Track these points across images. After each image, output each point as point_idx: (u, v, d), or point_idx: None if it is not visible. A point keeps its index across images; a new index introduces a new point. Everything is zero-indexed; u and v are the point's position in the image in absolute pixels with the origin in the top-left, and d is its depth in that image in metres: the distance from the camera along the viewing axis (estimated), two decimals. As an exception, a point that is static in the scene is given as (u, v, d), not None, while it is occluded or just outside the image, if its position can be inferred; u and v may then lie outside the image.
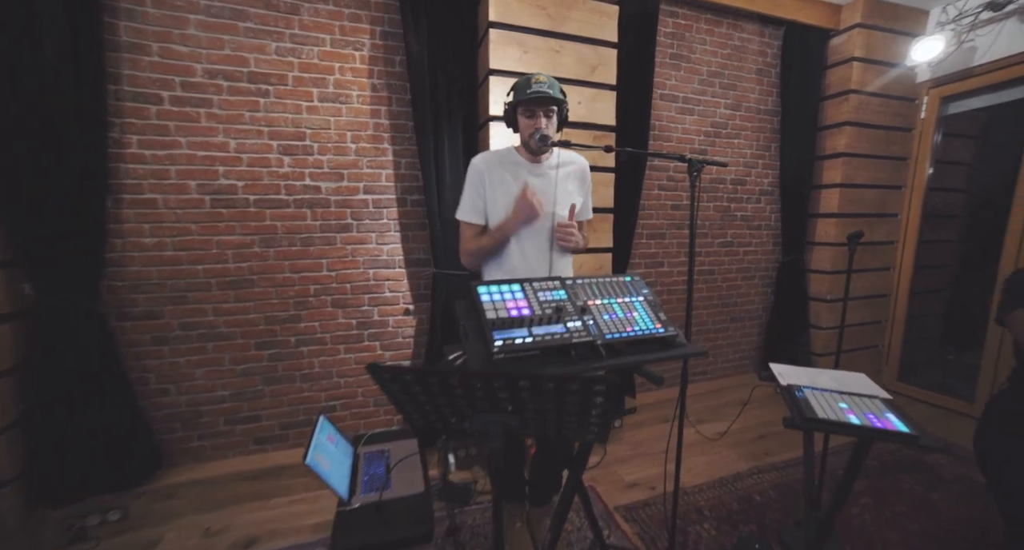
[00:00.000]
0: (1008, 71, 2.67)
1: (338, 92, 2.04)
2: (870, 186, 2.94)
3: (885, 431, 1.01)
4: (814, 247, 2.99)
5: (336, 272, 2.14)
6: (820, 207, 2.94)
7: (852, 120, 2.79)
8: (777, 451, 2.46)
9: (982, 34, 2.70)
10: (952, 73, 2.84)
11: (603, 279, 1.41)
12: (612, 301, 1.34)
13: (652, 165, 2.63)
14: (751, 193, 2.92)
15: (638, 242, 2.67)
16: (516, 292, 1.28)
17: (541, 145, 1.37)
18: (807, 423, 1.08)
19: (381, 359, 2.29)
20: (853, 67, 2.76)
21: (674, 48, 2.60)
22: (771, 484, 2.16)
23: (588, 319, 1.25)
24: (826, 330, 2.97)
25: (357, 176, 2.13)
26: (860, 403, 1.16)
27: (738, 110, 2.82)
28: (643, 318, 1.31)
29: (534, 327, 1.18)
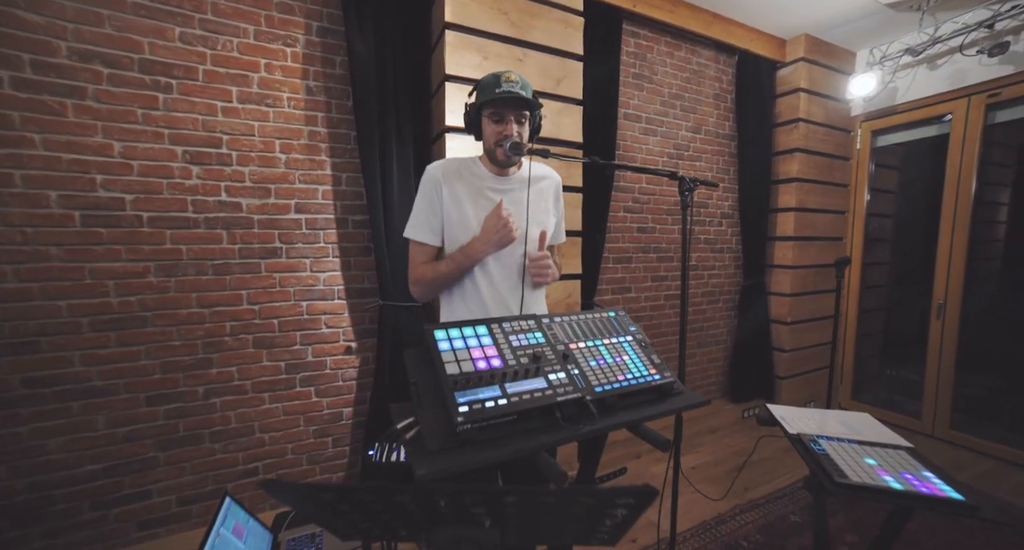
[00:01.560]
0: (921, 111, 2.89)
1: (264, 93, 1.73)
2: (820, 210, 3.02)
3: (935, 499, 0.85)
4: (773, 270, 3.00)
5: (260, 305, 1.78)
6: (777, 230, 2.97)
7: (802, 147, 2.87)
8: (755, 484, 2.33)
9: (902, 76, 2.91)
10: (879, 109, 3.04)
11: (585, 316, 1.20)
12: (598, 343, 1.13)
13: (618, 186, 2.51)
14: (713, 216, 2.89)
15: (604, 267, 2.52)
16: (483, 336, 1.03)
17: (513, 155, 1.15)
18: (841, 489, 0.91)
19: (317, 408, 1.91)
20: (800, 97, 2.86)
21: (636, 68, 2.54)
22: (756, 526, 2.01)
23: (572, 368, 1.02)
24: (789, 352, 2.96)
25: (287, 192, 1.80)
26: (888, 458, 1.01)
27: (699, 133, 2.80)
28: (635, 363, 1.11)
29: (508, 383, 0.93)
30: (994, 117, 2.73)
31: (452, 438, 0.83)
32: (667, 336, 2.80)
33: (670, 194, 2.72)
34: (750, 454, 2.52)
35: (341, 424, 1.97)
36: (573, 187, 2.05)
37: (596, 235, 2.30)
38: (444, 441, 0.83)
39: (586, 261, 2.20)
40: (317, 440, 1.92)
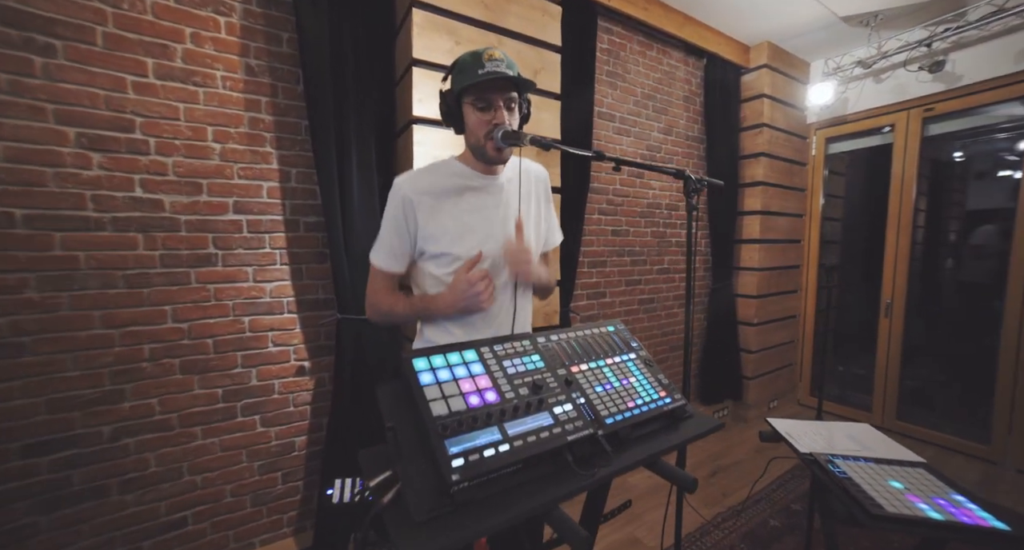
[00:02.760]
0: (868, 121, 3.05)
1: (192, 69, 1.44)
2: (782, 214, 3.10)
3: (979, 530, 0.78)
4: (740, 272, 3.04)
5: (189, 323, 1.49)
6: (743, 233, 3.01)
7: (766, 152, 2.92)
8: (733, 489, 2.31)
9: (853, 88, 3.05)
10: (832, 118, 3.17)
11: (582, 333, 1.06)
12: (601, 365, 0.99)
13: (592, 187, 2.42)
14: (683, 218, 2.87)
15: (579, 271, 2.41)
16: (473, 363, 0.86)
17: (506, 146, 0.98)
18: (879, 523, 0.82)
19: (264, 439, 1.64)
20: (764, 103, 2.91)
21: (610, 65, 2.46)
22: (739, 534, 1.97)
23: (578, 397, 0.88)
24: (755, 353, 3.01)
25: (224, 188, 1.53)
26: (912, 479, 0.95)
27: (670, 135, 2.77)
28: (643, 386, 0.98)
29: (508, 422, 0.76)
30: (928, 130, 2.91)
31: (445, 500, 0.66)
32: (643, 342, 2.74)
33: (643, 196, 2.66)
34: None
35: (293, 456, 1.71)
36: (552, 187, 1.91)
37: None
38: (434, 505, 0.65)
39: (563, 266, 2.08)
40: (264, 477, 1.65)
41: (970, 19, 2.53)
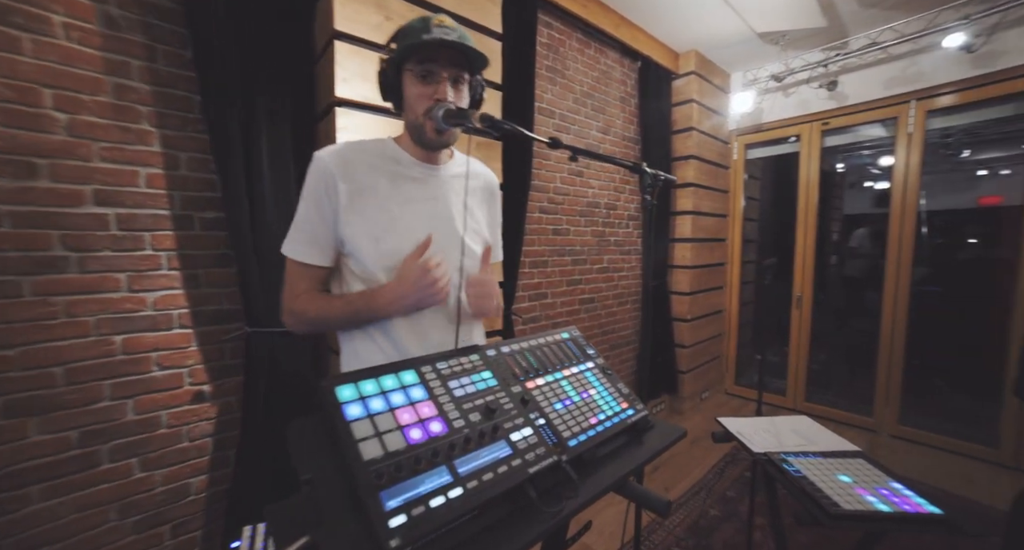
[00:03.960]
0: (779, 131, 3.33)
1: (12, 5, 1.10)
2: (710, 214, 3.27)
3: (919, 517, 0.81)
4: (674, 270, 3.15)
5: (18, 349, 1.14)
6: (676, 232, 3.12)
7: (696, 154, 3.06)
8: (674, 482, 2.37)
9: (767, 99, 3.31)
10: (750, 126, 3.42)
11: (536, 342, 0.95)
12: (559, 377, 0.89)
13: (535, 184, 2.34)
14: (621, 218, 2.90)
15: (520, 272, 2.32)
16: (412, 388, 0.71)
17: (448, 127, 0.82)
18: (838, 521, 0.81)
19: (144, 486, 1.33)
20: (693, 108, 3.04)
21: (550, 60, 2.40)
22: (684, 528, 2.00)
23: (536, 417, 0.77)
24: (689, 348, 3.14)
25: (77, 173, 1.20)
26: (856, 471, 0.97)
27: (608, 134, 2.79)
28: (604, 398, 0.89)
29: (459, 458, 0.63)
30: (825, 142, 3.23)
31: (382, 574, 0.51)
32: (584, 341, 2.72)
33: (582, 195, 2.64)
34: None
35: (188, 502, 1.41)
36: (493, 183, 1.79)
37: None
38: (367, 585, 0.50)
39: (505, 267, 1.97)
40: (144, 534, 1.33)
41: (852, 48, 2.84)
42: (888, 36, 2.70)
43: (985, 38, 2.45)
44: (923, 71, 2.69)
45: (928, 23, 2.57)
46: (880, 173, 6.03)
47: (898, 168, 2.87)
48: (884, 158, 4.11)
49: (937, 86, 2.66)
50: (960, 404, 3.20)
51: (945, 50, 2.51)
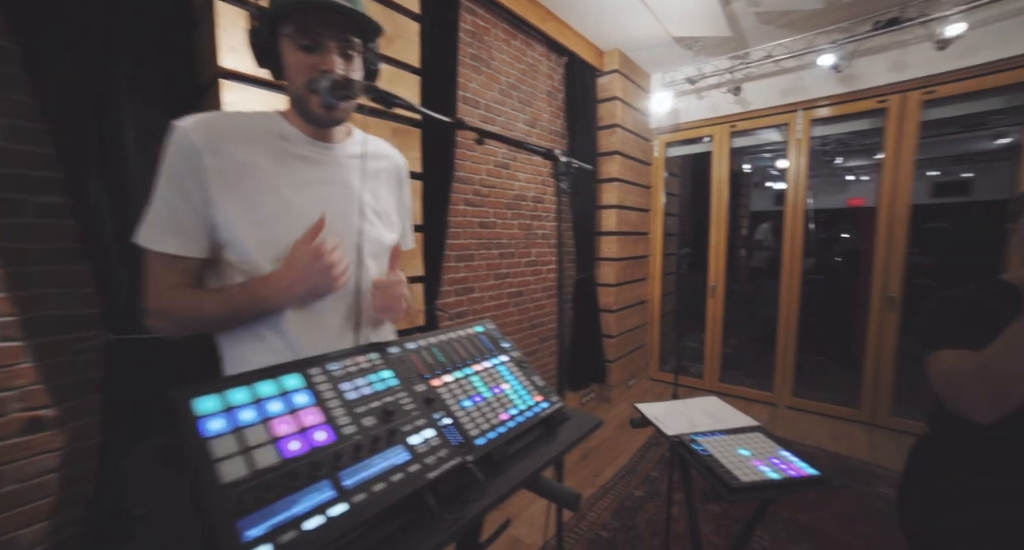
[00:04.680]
0: (694, 131, 3.57)
1: None
2: (634, 208, 3.42)
3: (801, 480, 0.90)
4: (600, 262, 3.25)
5: None
6: (602, 226, 3.22)
7: (620, 150, 3.17)
8: (602, 468, 2.44)
9: (683, 101, 3.53)
10: (669, 125, 3.62)
11: (446, 337, 0.90)
12: (469, 373, 0.84)
13: (458, 176, 2.27)
14: (549, 211, 2.93)
15: (446, 266, 2.26)
16: (297, 393, 0.62)
17: (335, 101, 0.73)
18: (738, 495, 0.86)
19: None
20: (617, 105, 3.15)
21: (474, 48, 2.33)
22: (611, 511, 2.07)
23: (441, 417, 0.71)
24: (615, 337, 3.26)
25: None
26: (754, 444, 1.04)
27: (535, 127, 2.79)
28: (517, 392, 0.86)
29: (346, 469, 0.56)
30: (734, 143, 3.51)
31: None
32: (512, 336, 2.72)
33: (509, 187, 2.62)
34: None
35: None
36: (412, 173, 1.70)
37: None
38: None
39: (428, 261, 1.89)
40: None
41: (752, 58, 3.11)
42: (779, 51, 2.99)
43: (848, 61, 2.80)
44: (806, 84, 3.01)
45: (808, 43, 2.88)
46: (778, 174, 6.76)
47: (791, 170, 3.20)
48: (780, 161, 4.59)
49: (817, 98, 3.00)
50: (835, 375, 3.67)
51: (820, 68, 2.83)
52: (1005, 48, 2.41)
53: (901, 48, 2.69)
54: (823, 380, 3.59)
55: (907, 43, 2.66)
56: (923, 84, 2.67)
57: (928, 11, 2.49)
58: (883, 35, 2.66)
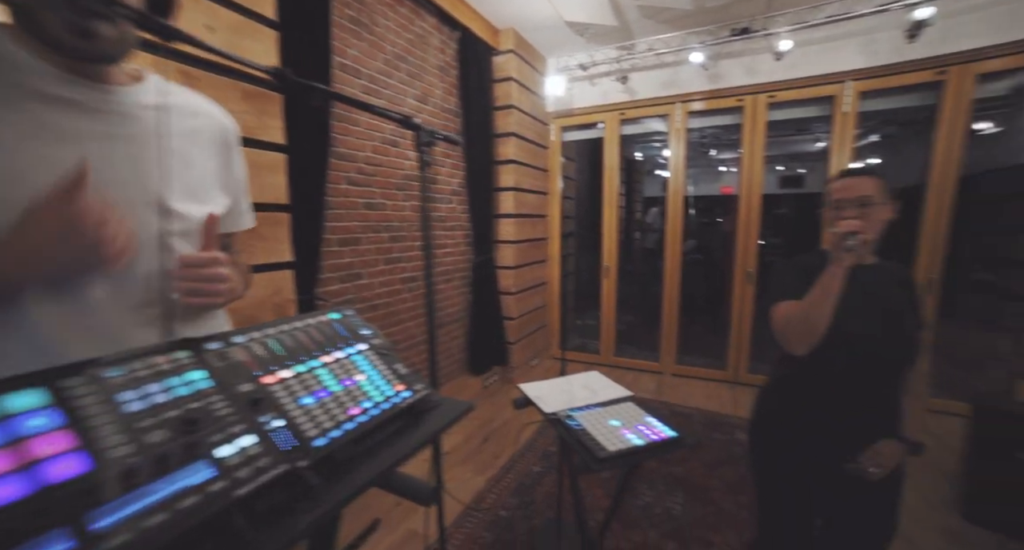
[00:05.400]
0: (588, 117, 3.71)
1: None
2: (531, 191, 3.46)
3: (661, 443, 0.96)
4: (499, 245, 3.24)
5: None
6: (500, 208, 3.21)
7: (516, 132, 3.16)
8: (503, 449, 2.47)
9: (577, 86, 3.63)
10: (564, 110, 3.70)
11: (288, 327, 0.77)
12: (315, 365, 0.73)
13: (338, 152, 2.05)
14: (444, 192, 2.83)
15: (327, 251, 2.05)
16: (34, 415, 0.47)
17: (86, 17, 0.55)
18: (605, 464, 0.90)
19: None
20: (512, 86, 3.11)
21: (353, 9, 2.10)
22: (509, 490, 2.10)
23: (270, 420, 0.60)
24: (516, 319, 3.31)
25: None
26: (624, 414, 1.09)
27: (426, 104, 2.64)
28: (375, 383, 0.78)
29: (100, 508, 0.43)
30: (623, 130, 3.72)
31: None
32: (407, 323, 2.60)
33: (398, 166, 2.46)
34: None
35: None
36: (271, 144, 1.47)
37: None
38: None
39: (301, 245, 1.69)
40: None
41: (638, 50, 3.30)
42: (660, 45, 3.20)
43: (714, 62, 3.11)
44: (682, 79, 3.28)
45: (683, 41, 3.13)
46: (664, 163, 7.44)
47: (671, 158, 3.49)
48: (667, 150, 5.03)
49: (692, 93, 3.29)
50: (710, 341, 4.19)
51: (692, 65, 3.10)
52: (817, 67, 2.87)
53: (752, 55, 3.04)
54: (702, 348, 4.07)
55: (756, 52, 3.02)
56: (767, 89, 3.07)
57: (768, 26, 2.86)
58: (738, 42, 2.99)
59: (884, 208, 1.01)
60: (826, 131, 3.02)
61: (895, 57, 2.69)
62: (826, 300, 0.94)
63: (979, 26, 2.49)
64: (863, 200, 0.99)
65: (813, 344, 0.97)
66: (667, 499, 2.04)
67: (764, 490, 1.13)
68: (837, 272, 0.93)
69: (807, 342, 0.97)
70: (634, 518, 1.90)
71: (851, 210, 1.00)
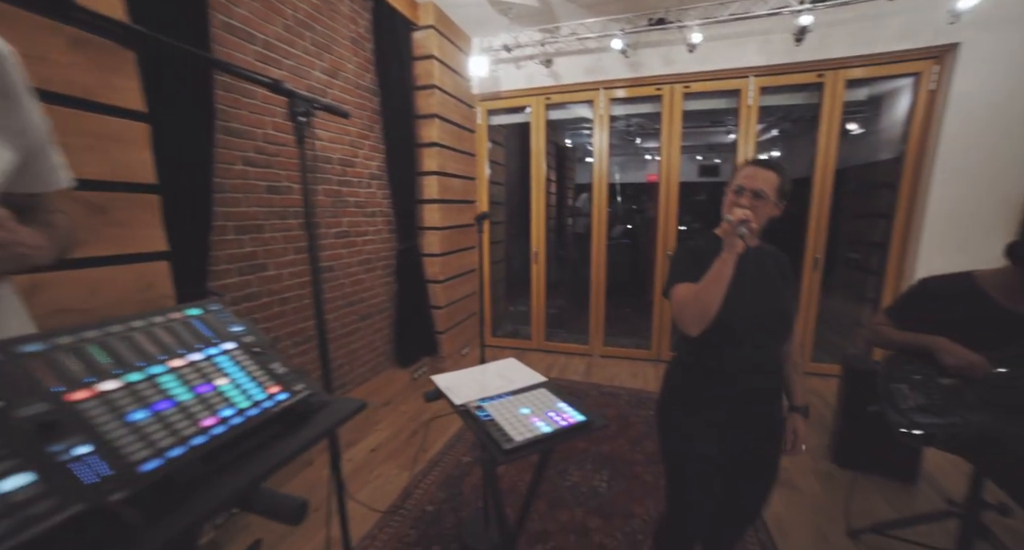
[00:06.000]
0: (514, 101, 3.66)
1: None
2: (457, 176, 3.35)
3: (570, 428, 0.95)
4: (424, 232, 3.11)
5: None
6: (424, 193, 3.07)
7: (439, 114, 3.02)
8: (432, 442, 2.40)
9: (503, 68, 3.54)
10: (490, 92, 3.61)
11: (122, 327, 0.63)
12: (155, 372, 0.61)
13: (230, 128, 1.81)
14: (361, 176, 2.63)
15: (223, 240, 1.82)
16: None
17: None
18: (510, 455, 0.86)
19: None
20: (434, 64, 2.96)
21: (235, -41, 1.83)
22: (437, 484, 2.04)
23: (67, 448, 0.48)
24: (444, 308, 3.22)
25: None
26: (536, 401, 1.07)
27: (336, 78, 2.41)
28: (241, 387, 0.67)
29: None
30: (549, 115, 3.71)
31: None
32: (327, 316, 2.41)
33: (309, 145, 2.23)
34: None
35: None
36: (122, 109, 1.23)
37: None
38: None
39: (180, 232, 1.46)
40: None
41: (562, 33, 3.29)
42: (583, 30, 3.21)
43: (634, 50, 3.19)
44: (605, 65, 3.33)
45: (604, 27, 3.16)
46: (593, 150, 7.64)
47: (596, 145, 3.55)
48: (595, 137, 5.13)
49: (614, 79, 3.35)
50: (637, 322, 4.41)
51: (614, 51, 3.15)
52: (725, 61, 3.05)
53: (668, 46, 3.16)
54: (629, 329, 4.26)
55: (672, 42, 3.13)
56: (683, 79, 3.21)
57: (681, 18, 2.97)
58: (655, 32, 3.08)
59: (773, 206, 1.09)
60: (736, 124, 3.24)
61: (787, 58, 2.93)
62: (717, 285, 0.99)
63: (846, 38, 2.78)
64: (759, 193, 1.06)
65: (705, 325, 1.02)
66: (594, 477, 2.10)
67: (670, 461, 1.18)
68: (728, 258, 0.99)
69: (700, 323, 1.02)
70: (562, 498, 1.94)
71: (746, 199, 1.07)
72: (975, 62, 2.58)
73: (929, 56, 2.73)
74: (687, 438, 1.13)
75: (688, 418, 1.14)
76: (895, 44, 2.72)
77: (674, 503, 1.19)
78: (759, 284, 1.10)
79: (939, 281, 1.32)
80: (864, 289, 3.58)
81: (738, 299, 1.03)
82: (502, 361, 1.40)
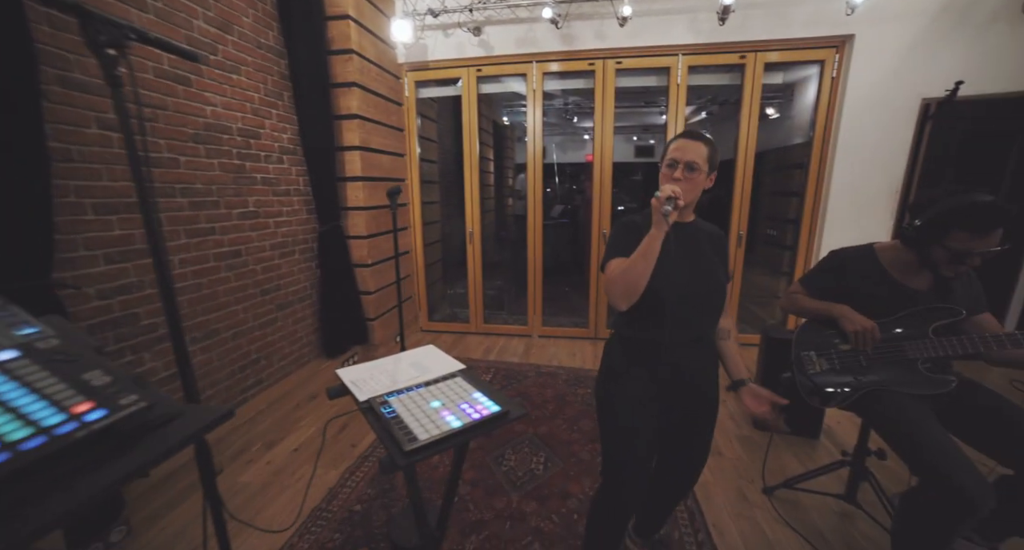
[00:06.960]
0: (443, 72, 3.43)
1: None
2: (383, 152, 3.10)
3: (483, 421, 0.87)
4: (348, 212, 2.87)
5: None
6: (346, 170, 2.81)
7: (359, 82, 2.74)
8: (359, 436, 2.25)
9: (430, 36, 3.29)
10: (418, 61, 3.36)
11: None
12: None
13: (74, 80, 1.48)
14: (270, 150, 2.34)
15: (78, 221, 1.51)
16: None
17: None
18: (411, 458, 0.76)
19: None
20: (351, 26, 2.66)
21: None
22: (366, 480, 1.92)
23: None
24: (374, 294, 3.02)
25: None
26: (448, 392, 0.97)
27: (229, 33, 2.08)
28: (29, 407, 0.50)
29: None
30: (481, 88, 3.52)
31: None
32: (232, 307, 2.15)
33: (195, 112, 1.92)
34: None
35: None
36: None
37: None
38: None
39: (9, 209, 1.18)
40: None
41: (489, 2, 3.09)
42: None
43: (565, 22, 3.08)
44: (537, 37, 3.20)
45: (536, -5, 3.01)
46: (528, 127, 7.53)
47: (529, 121, 3.44)
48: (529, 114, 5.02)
49: (547, 52, 3.23)
50: (576, 301, 4.46)
51: (546, 23, 3.03)
52: (655, 37, 3.05)
53: (600, 19, 3.08)
54: (568, 308, 4.29)
55: (603, 15, 3.06)
56: (615, 54, 3.17)
57: (613, -11, 2.90)
58: (588, 3, 2.99)
59: (705, 177, 1.08)
60: (667, 104, 3.28)
61: (713, 38, 2.98)
62: (645, 261, 0.98)
63: (764, 20, 2.88)
64: (691, 165, 1.05)
65: (633, 300, 1.00)
66: (531, 460, 2.08)
67: (606, 436, 1.16)
68: (656, 235, 0.97)
69: (628, 299, 1.00)
70: (498, 485, 1.90)
71: (679, 171, 1.06)
72: (867, 53, 2.78)
73: (831, 45, 2.90)
74: (623, 413, 1.11)
75: (624, 393, 1.13)
76: (804, 30, 2.85)
77: (609, 478, 1.18)
78: (692, 260, 1.10)
79: (846, 253, 1.43)
80: (781, 263, 3.86)
81: (670, 274, 1.03)
82: (419, 349, 1.29)
